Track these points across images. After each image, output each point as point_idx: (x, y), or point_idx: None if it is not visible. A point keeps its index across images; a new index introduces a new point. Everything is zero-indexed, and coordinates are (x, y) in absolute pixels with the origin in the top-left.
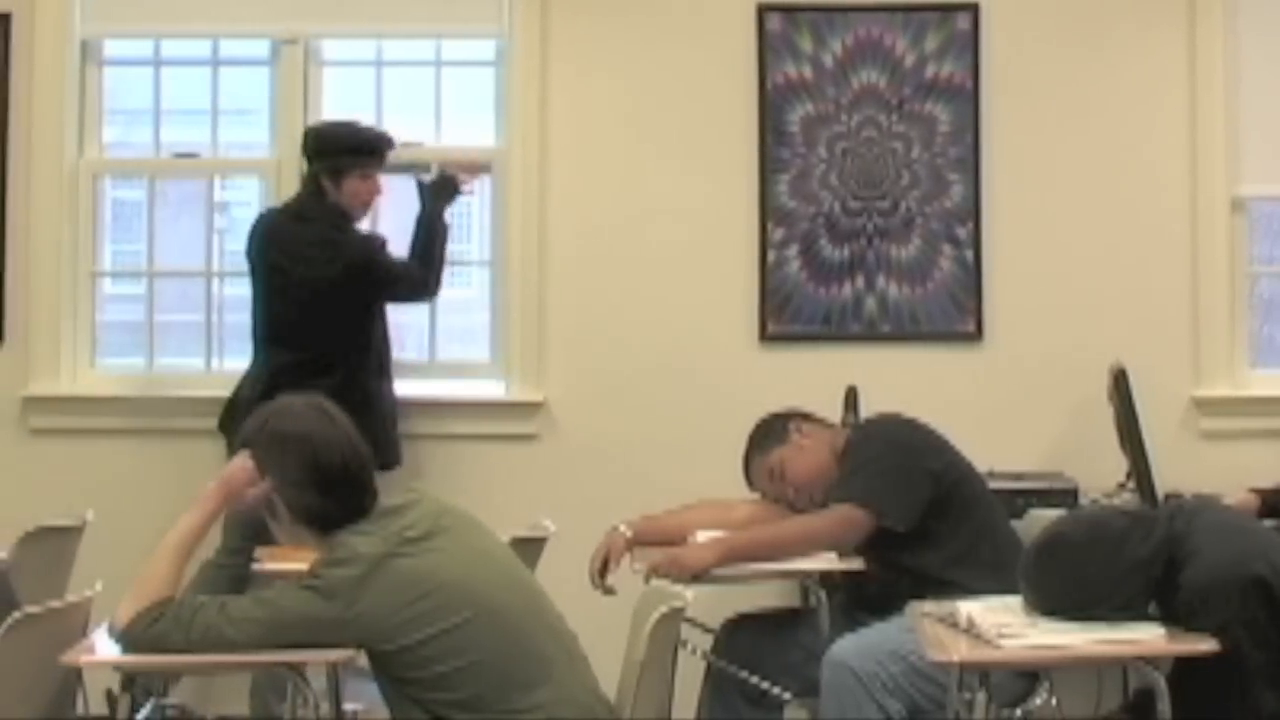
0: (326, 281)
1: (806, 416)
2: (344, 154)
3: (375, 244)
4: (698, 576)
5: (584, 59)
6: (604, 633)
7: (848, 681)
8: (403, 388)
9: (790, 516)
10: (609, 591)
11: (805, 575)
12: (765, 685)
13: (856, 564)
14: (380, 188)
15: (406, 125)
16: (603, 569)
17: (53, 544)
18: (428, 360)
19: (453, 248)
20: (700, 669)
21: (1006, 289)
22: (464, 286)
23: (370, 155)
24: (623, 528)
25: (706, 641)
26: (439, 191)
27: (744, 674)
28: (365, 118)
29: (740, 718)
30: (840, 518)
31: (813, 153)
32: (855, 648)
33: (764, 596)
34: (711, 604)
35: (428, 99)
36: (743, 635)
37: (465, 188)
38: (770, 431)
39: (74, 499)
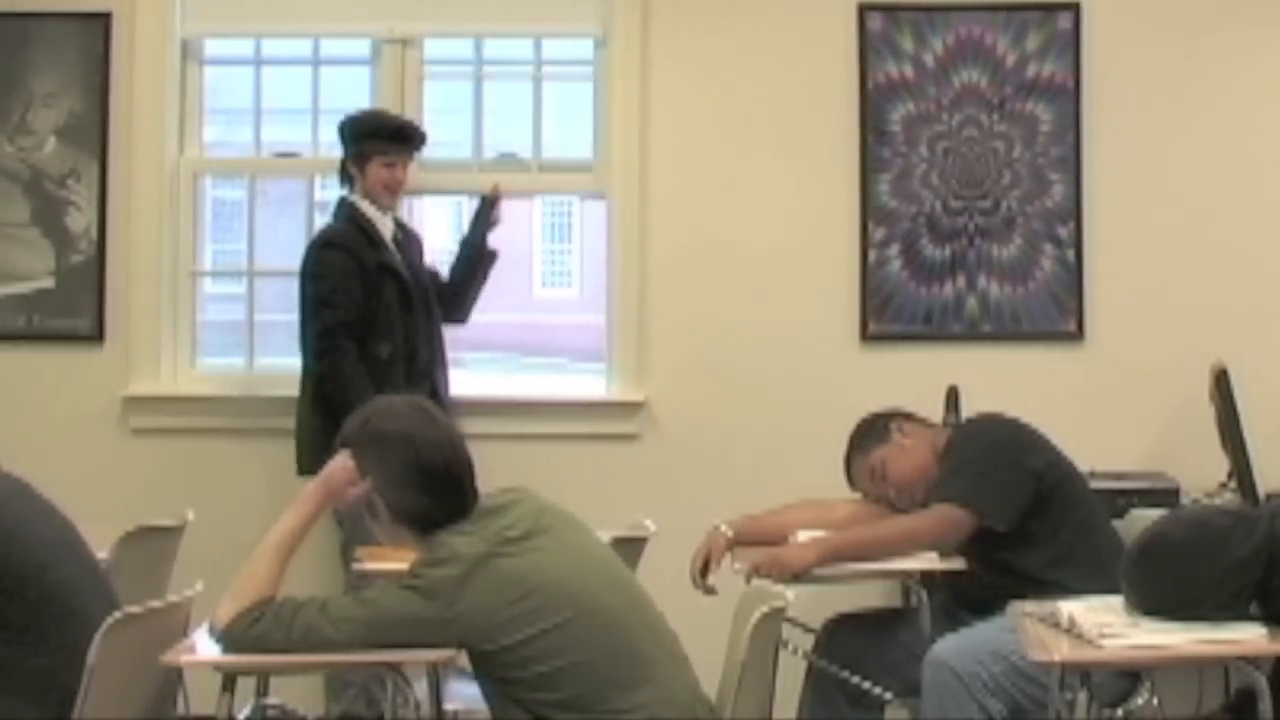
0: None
1: (908, 416)
2: (367, 139)
3: (334, 288)
4: (798, 576)
5: (684, 58)
6: (705, 632)
7: (949, 681)
8: (504, 386)
9: (891, 517)
10: (710, 591)
11: (906, 575)
12: (866, 685)
13: (958, 564)
14: (405, 178)
15: (505, 128)
16: (704, 569)
17: (153, 544)
18: (531, 357)
19: (553, 247)
20: (801, 669)
21: (1108, 288)
22: (565, 287)
23: (393, 141)
24: (724, 527)
25: (807, 641)
26: (485, 210)
27: (845, 674)
28: (464, 121)
29: (842, 717)
30: (941, 518)
31: (914, 152)
32: (956, 647)
33: (865, 596)
34: (812, 604)
35: (526, 101)
36: (844, 635)
37: (497, 211)
38: (871, 431)
39: (174, 499)
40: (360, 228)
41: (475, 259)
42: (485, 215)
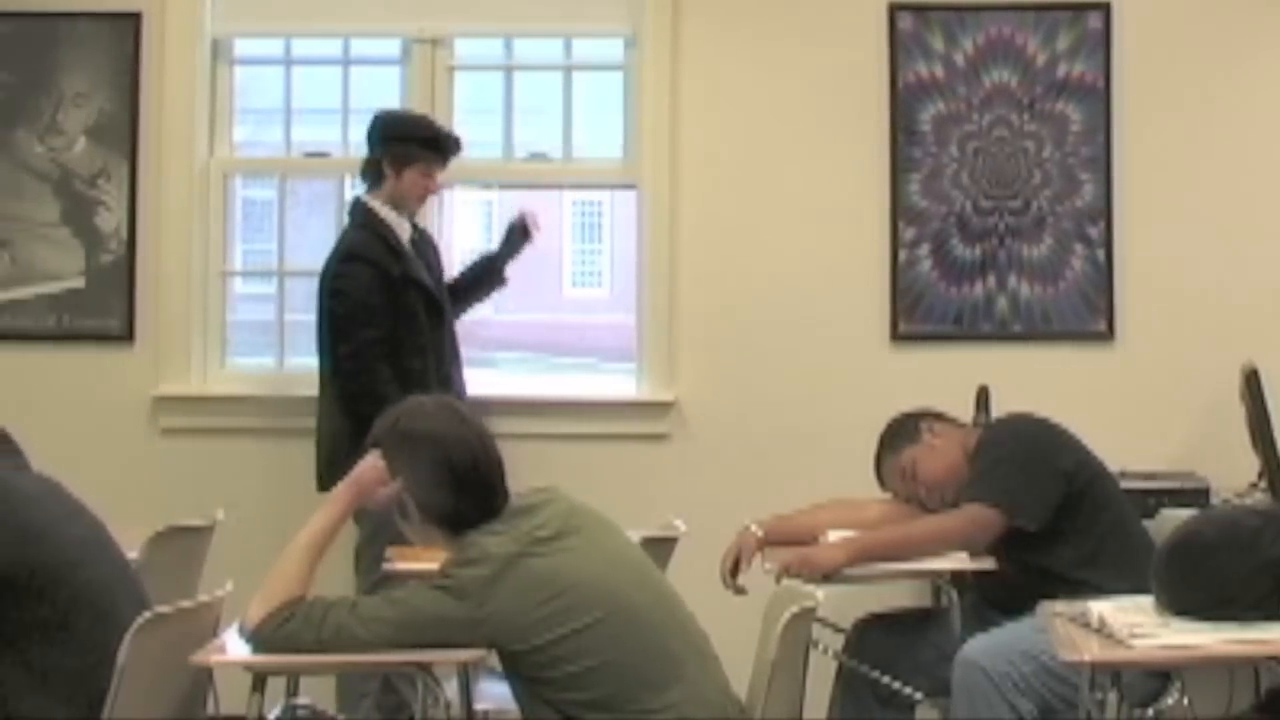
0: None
1: (938, 416)
2: (415, 143)
3: (361, 304)
4: (829, 576)
5: (714, 59)
6: (735, 632)
7: (979, 681)
8: (534, 386)
9: (922, 517)
10: (740, 591)
11: (936, 575)
12: (896, 685)
13: (988, 564)
14: (436, 188)
15: (535, 130)
16: (734, 569)
17: (183, 544)
18: (561, 357)
19: (583, 247)
20: (831, 668)
21: (1138, 288)
22: (595, 287)
23: (438, 153)
24: (754, 527)
25: (838, 641)
26: (515, 238)
27: (875, 674)
28: (494, 121)
29: (872, 717)
30: (972, 518)
31: (944, 152)
32: (986, 647)
33: (895, 596)
34: (842, 604)
35: (556, 103)
36: (874, 635)
37: (535, 232)
38: (902, 431)
39: (204, 498)
40: (381, 236)
41: (486, 278)
42: (515, 243)
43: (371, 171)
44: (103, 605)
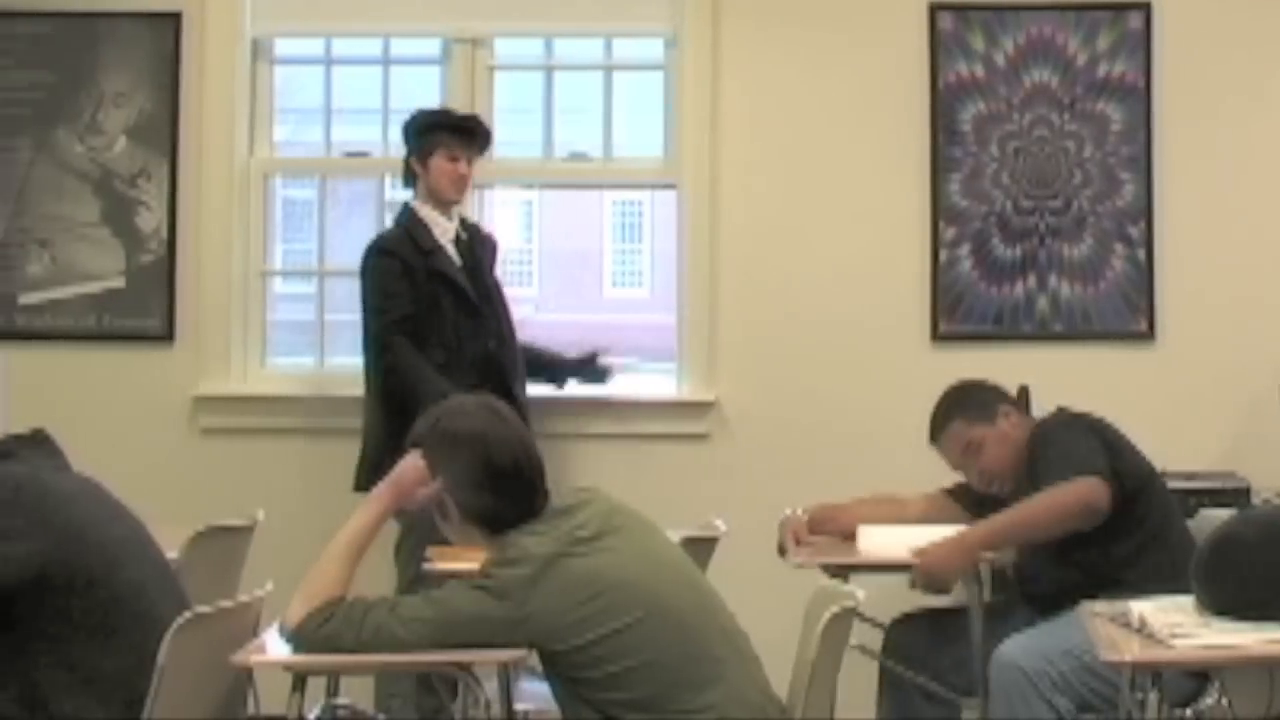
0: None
1: (1014, 403)
2: (429, 132)
3: (384, 292)
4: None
5: (755, 59)
6: (775, 632)
7: (1017, 680)
8: (575, 386)
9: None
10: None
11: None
12: (933, 685)
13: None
14: (470, 174)
15: (575, 130)
16: (781, 550)
17: (223, 544)
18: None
19: (623, 247)
20: (876, 665)
21: (1179, 288)
22: (635, 287)
23: (456, 134)
24: (799, 510)
25: (877, 637)
26: (588, 374)
27: (910, 674)
28: (534, 120)
29: (918, 716)
30: (1086, 490)
31: (984, 152)
32: (1024, 647)
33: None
34: (880, 599)
35: (596, 103)
36: (913, 632)
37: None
38: (979, 403)
39: (244, 498)
40: (411, 234)
41: (543, 372)
42: (586, 375)
43: (406, 173)
44: (143, 605)
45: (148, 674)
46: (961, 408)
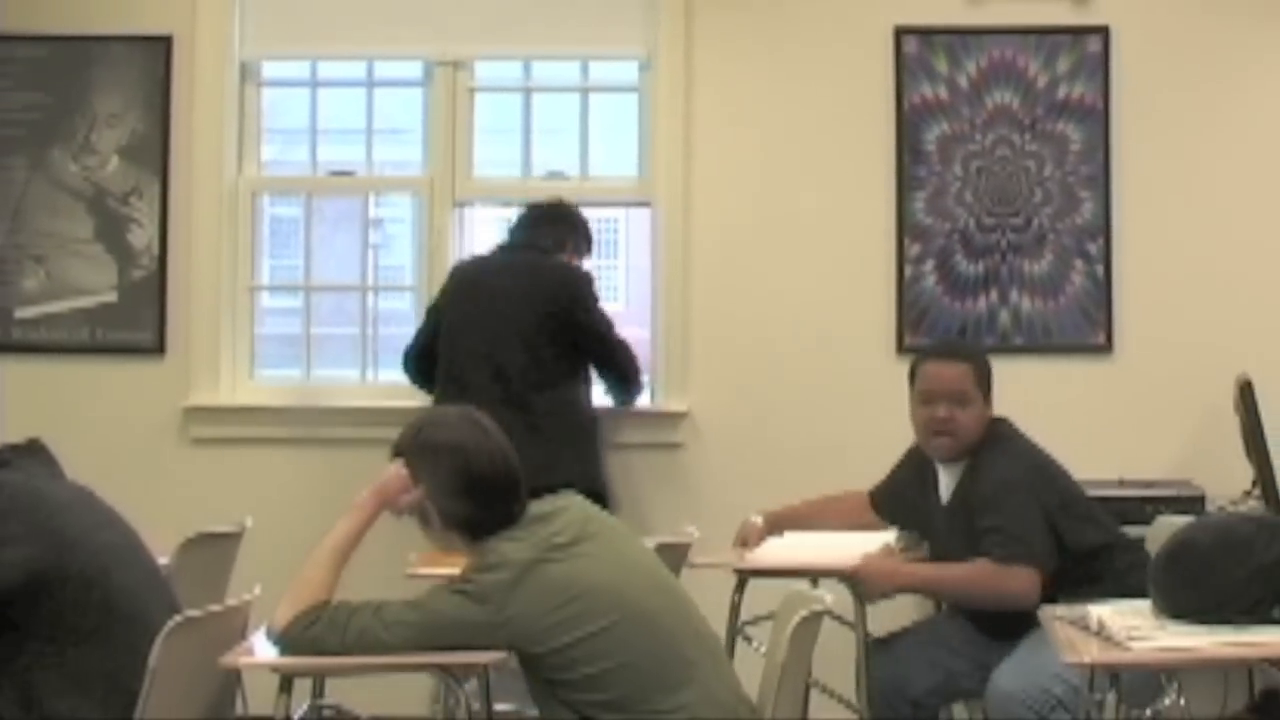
0: None
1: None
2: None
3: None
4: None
5: (726, 80)
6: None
7: (1016, 710)
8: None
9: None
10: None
11: None
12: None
13: None
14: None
15: (552, 150)
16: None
17: (213, 550)
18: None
19: (600, 263)
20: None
21: (1136, 302)
22: (611, 301)
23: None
24: (755, 518)
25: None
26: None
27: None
28: (513, 140)
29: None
30: (1028, 582)
31: (948, 171)
32: (1015, 676)
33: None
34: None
35: (573, 123)
36: (893, 646)
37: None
38: (989, 380)
39: (233, 506)
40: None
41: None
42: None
43: (555, 245)
44: (134, 609)
45: (139, 675)
46: (978, 367)
